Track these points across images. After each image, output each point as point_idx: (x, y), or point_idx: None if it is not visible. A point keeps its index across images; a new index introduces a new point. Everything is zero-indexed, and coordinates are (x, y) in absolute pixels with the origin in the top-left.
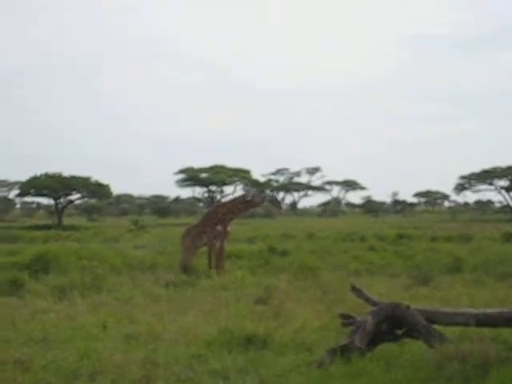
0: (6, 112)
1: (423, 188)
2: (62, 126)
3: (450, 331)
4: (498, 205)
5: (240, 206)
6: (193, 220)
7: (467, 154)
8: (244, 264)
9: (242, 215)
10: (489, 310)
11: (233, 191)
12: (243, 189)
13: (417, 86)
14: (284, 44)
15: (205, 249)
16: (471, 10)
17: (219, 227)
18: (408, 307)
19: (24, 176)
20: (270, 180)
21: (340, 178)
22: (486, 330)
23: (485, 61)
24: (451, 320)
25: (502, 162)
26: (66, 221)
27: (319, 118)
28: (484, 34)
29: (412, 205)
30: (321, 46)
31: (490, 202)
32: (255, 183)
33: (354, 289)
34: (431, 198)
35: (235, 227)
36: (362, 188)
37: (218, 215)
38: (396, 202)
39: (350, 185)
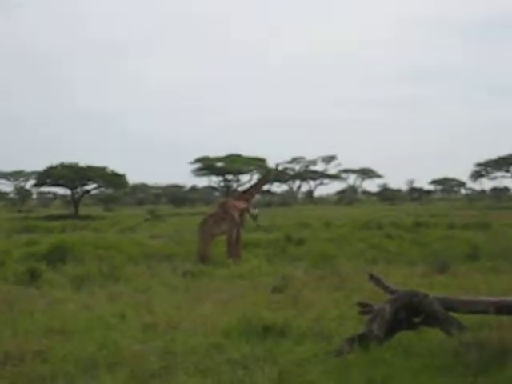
0: (23, 103)
1: (439, 175)
2: (78, 115)
3: (467, 319)
4: None
5: (253, 190)
6: (209, 209)
7: (484, 141)
8: (261, 253)
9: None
10: (508, 298)
11: (249, 180)
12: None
13: (430, 70)
14: (291, 30)
15: (222, 238)
16: None
17: (237, 215)
18: (426, 295)
19: (40, 166)
20: (285, 168)
21: (356, 167)
22: (504, 318)
23: (499, 44)
24: (470, 308)
25: None
26: (83, 211)
27: (334, 105)
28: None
29: (428, 192)
30: (330, 33)
31: (506, 189)
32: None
33: (372, 277)
34: (447, 185)
35: None
36: (379, 176)
37: (236, 204)
38: (412, 190)
39: (366, 173)
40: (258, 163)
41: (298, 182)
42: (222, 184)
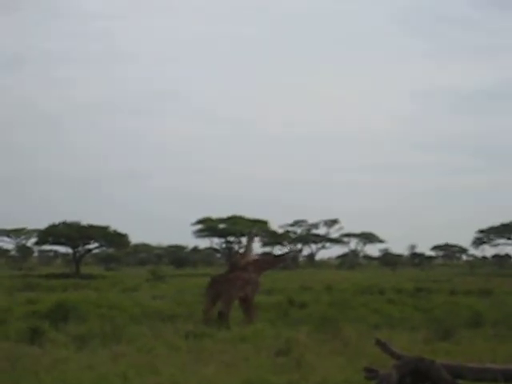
0: (23, 160)
1: (441, 241)
2: (80, 175)
3: None
4: None
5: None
6: (211, 271)
7: (485, 208)
8: (263, 316)
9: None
10: None
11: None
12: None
13: (431, 137)
14: (299, 96)
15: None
16: (480, 63)
17: (259, 278)
18: (433, 361)
19: (42, 224)
20: (287, 231)
21: (358, 231)
22: None
23: (497, 112)
24: (478, 375)
25: None
26: (84, 269)
27: (336, 168)
28: (493, 85)
29: (430, 258)
30: (335, 96)
31: (508, 257)
32: (273, 234)
33: (378, 342)
34: (449, 251)
35: None
36: (380, 241)
37: (261, 266)
38: (414, 255)
39: (367, 237)
40: (260, 225)
41: (299, 245)
42: (224, 246)
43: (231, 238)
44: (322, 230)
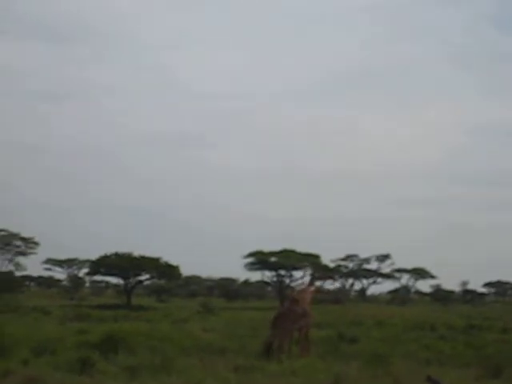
0: (75, 191)
1: (493, 278)
2: (133, 207)
3: None
4: None
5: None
6: (262, 304)
7: None
8: (313, 350)
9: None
10: None
11: (302, 276)
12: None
13: (482, 172)
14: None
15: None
16: None
17: (310, 311)
18: None
19: (94, 255)
20: (339, 266)
21: (409, 266)
22: None
23: None
24: None
25: None
26: (135, 301)
27: (388, 203)
28: None
29: (482, 295)
30: (386, 130)
31: None
32: (325, 268)
33: (429, 379)
34: (501, 288)
35: None
36: (432, 276)
37: (306, 296)
38: (466, 292)
39: (419, 273)
40: (311, 259)
41: (350, 280)
42: (275, 279)
43: (282, 272)
44: (373, 265)
